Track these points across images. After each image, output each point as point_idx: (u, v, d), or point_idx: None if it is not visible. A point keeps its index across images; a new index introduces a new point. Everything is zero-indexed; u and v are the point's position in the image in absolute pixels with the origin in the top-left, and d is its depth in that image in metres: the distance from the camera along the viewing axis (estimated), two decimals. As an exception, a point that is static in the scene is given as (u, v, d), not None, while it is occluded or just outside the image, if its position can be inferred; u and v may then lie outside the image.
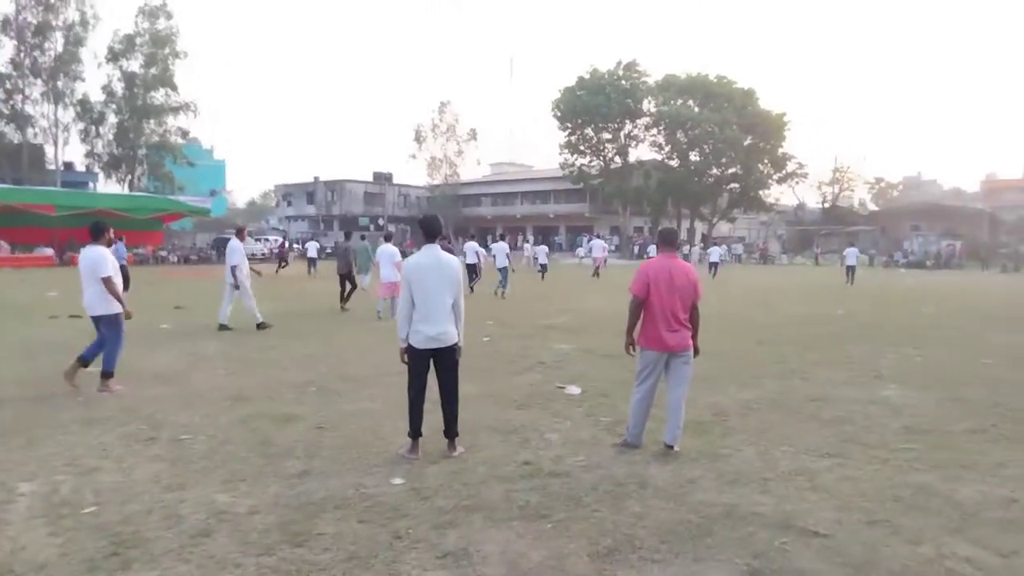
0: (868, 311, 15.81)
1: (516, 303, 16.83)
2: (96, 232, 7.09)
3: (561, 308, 15.87)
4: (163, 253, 41.88)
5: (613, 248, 52.40)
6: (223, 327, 11.38)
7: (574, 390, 7.25)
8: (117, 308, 6.94)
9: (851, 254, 26.90)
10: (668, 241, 5.25)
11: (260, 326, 11.46)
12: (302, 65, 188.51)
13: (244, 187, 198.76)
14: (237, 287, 11.36)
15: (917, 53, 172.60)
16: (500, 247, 19.88)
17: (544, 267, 26.66)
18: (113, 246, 8.00)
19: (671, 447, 5.07)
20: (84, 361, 6.97)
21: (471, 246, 20.65)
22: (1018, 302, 18.80)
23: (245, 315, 11.52)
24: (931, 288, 25.13)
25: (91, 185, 59.48)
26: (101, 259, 6.86)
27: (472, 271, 19.13)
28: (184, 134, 59.90)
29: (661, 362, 5.12)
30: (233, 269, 11.30)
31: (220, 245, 48.70)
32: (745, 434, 5.67)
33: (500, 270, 19.29)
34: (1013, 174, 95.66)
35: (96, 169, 57.69)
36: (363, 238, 23.66)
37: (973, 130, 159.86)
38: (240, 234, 12.17)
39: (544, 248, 28.59)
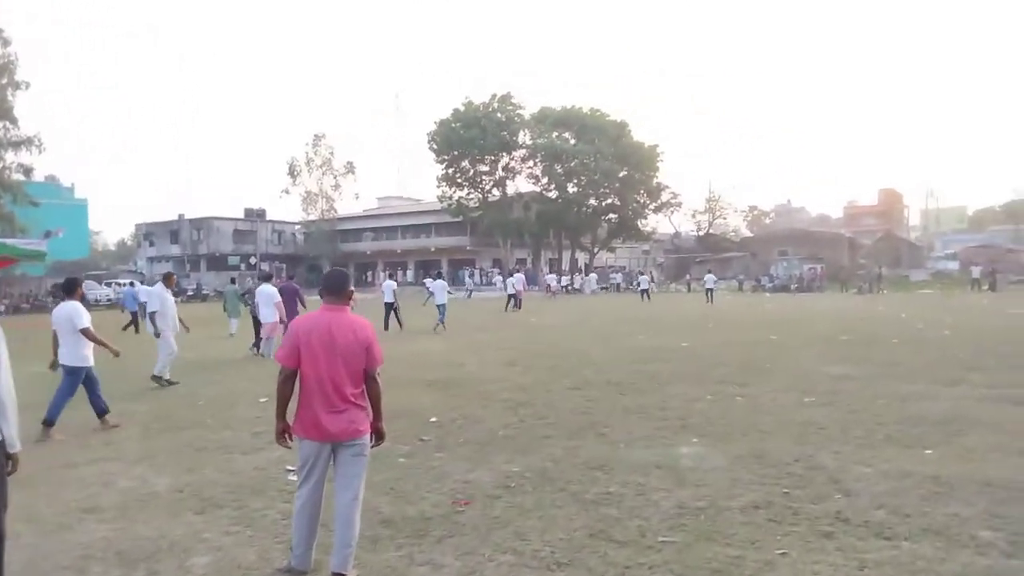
0: (713, 342, 15.20)
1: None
2: (69, 288, 7.69)
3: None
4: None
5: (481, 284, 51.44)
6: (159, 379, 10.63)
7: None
8: (84, 363, 7.51)
9: (709, 279, 33.91)
10: (332, 288, 3.86)
11: (158, 380, 10.59)
12: (172, 96, 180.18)
13: (114, 227, 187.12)
14: (158, 335, 10.78)
15: (787, 84, 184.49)
16: (439, 284, 21.36)
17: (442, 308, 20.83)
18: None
19: (341, 575, 3.65)
20: (49, 422, 7.27)
21: (389, 284, 21.32)
22: (859, 326, 18.84)
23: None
24: (786, 312, 25.33)
25: (-85, 227, 53.04)
26: (76, 312, 7.40)
27: (390, 309, 20.26)
28: (27, 171, 54.66)
29: (324, 456, 3.75)
30: (152, 316, 10.86)
31: (59, 292, 44.40)
32: (471, 534, 4.36)
33: (438, 307, 20.44)
34: (871, 200, 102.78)
35: (-80, 210, 51.69)
36: (232, 281, 21.79)
37: (837, 158, 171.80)
38: (168, 280, 11.30)
39: (443, 284, 21.99)
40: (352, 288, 3.94)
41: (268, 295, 13.82)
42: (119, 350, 7.91)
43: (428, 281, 28.74)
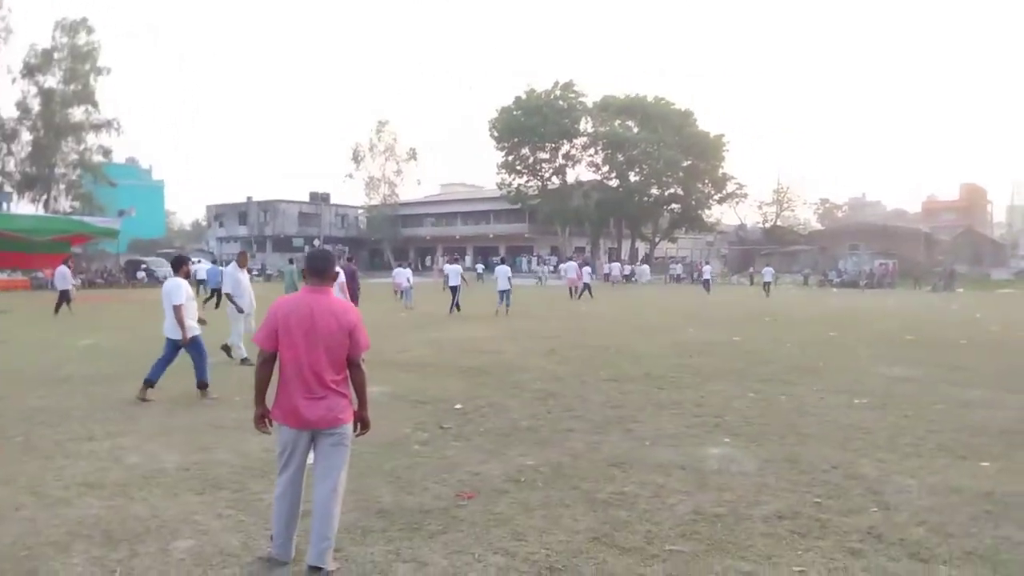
0: (767, 338, 14.57)
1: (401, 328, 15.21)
2: (176, 265, 8.09)
3: (427, 337, 14.31)
4: (64, 277, 39.02)
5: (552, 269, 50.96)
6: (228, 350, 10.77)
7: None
8: (190, 332, 7.80)
9: (767, 272, 34.09)
10: (316, 269, 3.62)
11: (227, 350, 10.73)
12: (242, 82, 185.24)
13: (189, 208, 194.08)
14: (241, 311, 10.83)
15: (865, 77, 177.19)
16: (502, 270, 21.34)
17: (504, 293, 20.92)
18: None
19: (318, 568, 3.46)
20: (150, 383, 7.84)
21: (454, 269, 21.79)
22: (929, 326, 17.81)
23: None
24: (851, 309, 24.23)
25: (4, 206, 55.89)
26: (174, 290, 7.75)
27: (454, 292, 20.81)
28: (106, 152, 56.96)
29: (302, 443, 3.56)
30: (228, 297, 10.95)
31: (132, 268, 46.16)
32: (467, 531, 4.13)
33: (501, 292, 20.72)
34: (952, 195, 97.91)
35: (7, 188, 54.49)
36: (291, 261, 22.28)
37: (918, 153, 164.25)
38: (242, 259, 11.43)
39: (505, 269, 21.55)
40: (338, 270, 3.73)
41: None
42: (189, 339, 7.94)
43: (479, 266, 28.40)
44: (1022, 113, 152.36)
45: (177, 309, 7.71)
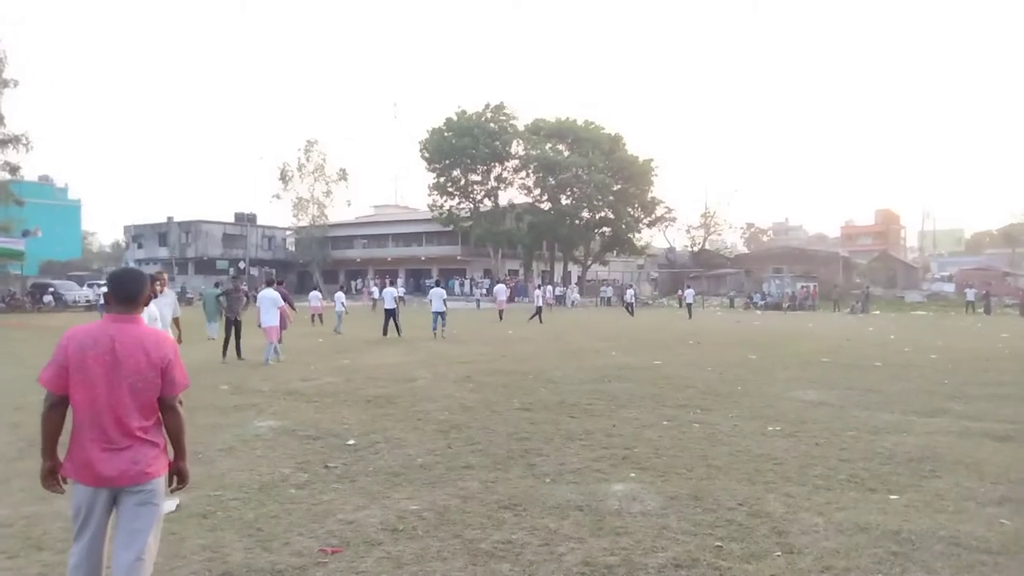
0: (687, 361, 14.42)
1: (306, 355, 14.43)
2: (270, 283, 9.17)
3: (338, 364, 13.62)
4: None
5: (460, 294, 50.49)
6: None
7: (168, 506, 4.96)
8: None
9: (689, 294, 36.56)
10: (121, 293, 3.02)
11: None
12: (165, 99, 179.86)
13: (109, 228, 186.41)
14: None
15: (788, 104, 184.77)
16: (437, 292, 21.26)
17: (439, 315, 20.95)
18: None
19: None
20: None
21: (389, 292, 21.39)
22: (846, 347, 18.08)
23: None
24: (772, 331, 24.57)
25: (-96, 227, 51.94)
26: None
27: (390, 316, 20.30)
28: (13, 170, 53.74)
29: (100, 504, 2.95)
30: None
31: (39, 292, 43.41)
32: (320, 594, 3.57)
33: (437, 314, 20.71)
34: (869, 220, 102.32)
35: (-96, 210, 50.87)
36: (217, 285, 21.01)
37: (836, 178, 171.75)
38: (154, 281, 9.04)
39: (440, 291, 21.59)
40: (151, 294, 3.16)
41: (271, 299, 14.02)
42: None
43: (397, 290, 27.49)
44: (934, 139, 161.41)
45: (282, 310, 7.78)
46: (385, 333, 19.98)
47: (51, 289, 42.04)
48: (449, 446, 6.85)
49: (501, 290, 30.13)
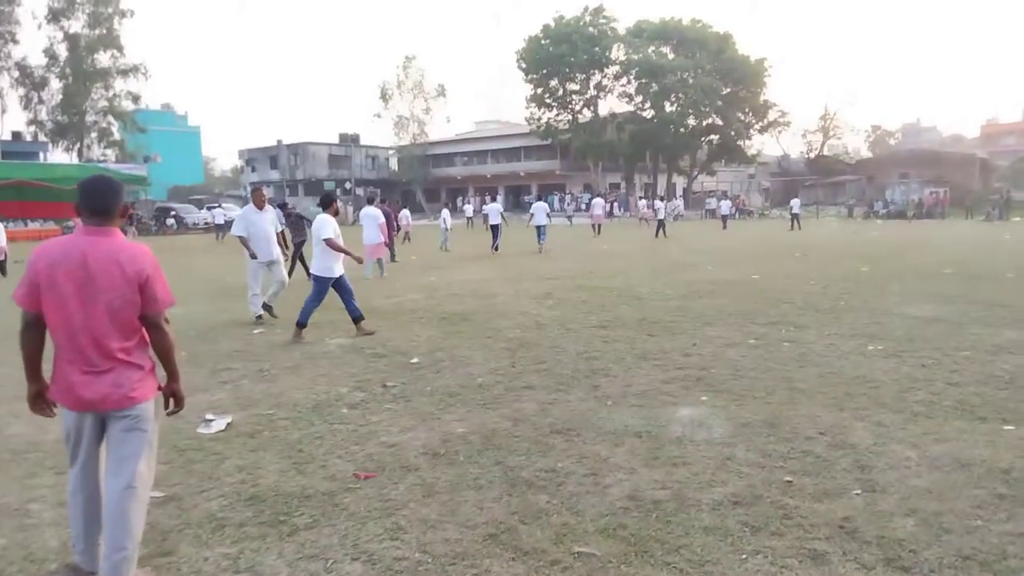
0: (790, 274, 13.46)
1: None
2: (325, 202, 8.14)
3: (424, 282, 13.59)
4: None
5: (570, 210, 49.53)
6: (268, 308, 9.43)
7: (218, 424, 4.96)
8: (329, 273, 7.91)
9: (795, 204, 32.91)
10: (93, 204, 2.76)
11: (268, 308, 9.40)
12: (265, 25, 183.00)
13: (229, 153, 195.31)
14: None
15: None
16: (539, 206, 21.89)
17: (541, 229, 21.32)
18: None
19: (133, 584, 2.76)
20: (356, 317, 8.14)
21: (494, 207, 22.04)
22: (974, 257, 16.39)
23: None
24: (892, 241, 22.71)
25: (42, 155, 56.24)
26: (321, 225, 7.85)
27: (495, 232, 20.84)
28: (135, 98, 56.63)
29: (88, 428, 2.81)
30: (243, 241, 9.24)
31: (162, 216, 46.18)
32: (340, 525, 3.40)
33: (538, 227, 21.02)
34: (1014, 117, 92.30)
35: (42, 138, 54.86)
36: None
37: (976, 74, 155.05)
38: (256, 197, 9.48)
39: (543, 205, 22.39)
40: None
41: (372, 217, 14.15)
42: (361, 256, 8.62)
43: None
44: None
45: (329, 242, 7.77)
46: (493, 249, 20.46)
47: (173, 213, 44.61)
48: (513, 365, 6.58)
49: (598, 203, 29.30)
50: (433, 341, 7.74)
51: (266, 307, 9.26)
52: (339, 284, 8.05)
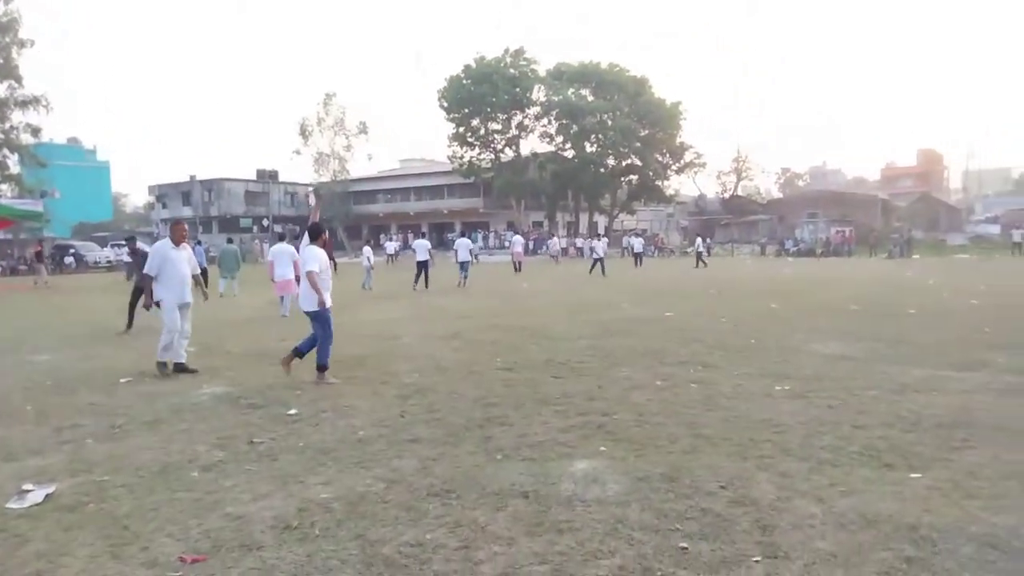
0: (702, 312, 13.40)
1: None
2: (313, 233, 7.62)
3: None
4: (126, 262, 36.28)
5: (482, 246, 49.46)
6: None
7: (34, 496, 4.20)
8: (323, 306, 7.37)
9: (699, 243, 34.54)
10: None
11: (160, 367, 8.07)
12: (181, 59, 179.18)
13: (141, 189, 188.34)
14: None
15: (828, 43, 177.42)
16: (463, 242, 23.34)
17: (464, 265, 22.59)
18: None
19: None
20: (300, 353, 7.58)
21: (422, 244, 22.07)
22: (879, 294, 16.83)
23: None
24: (802, 278, 23.29)
25: (-66, 190, 52.30)
26: (309, 257, 7.40)
27: (423, 267, 20.72)
28: (35, 131, 53.61)
29: None
30: (147, 282, 8.15)
31: (60, 253, 43.53)
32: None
33: (461, 263, 22.14)
34: (910, 161, 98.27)
35: (-72, 173, 51.21)
36: (229, 240, 21.11)
37: (875, 120, 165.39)
38: (176, 233, 8.30)
39: (466, 242, 24.09)
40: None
41: (288, 253, 14.09)
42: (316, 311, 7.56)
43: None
44: (977, 78, 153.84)
45: (310, 275, 7.30)
46: (415, 286, 20.19)
47: (72, 250, 42.14)
48: (402, 415, 6.01)
49: (518, 241, 29.18)
50: (319, 389, 7.10)
51: (179, 366, 8.04)
52: (321, 320, 7.48)
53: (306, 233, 7.75)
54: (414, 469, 4.60)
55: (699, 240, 36.18)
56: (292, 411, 6.17)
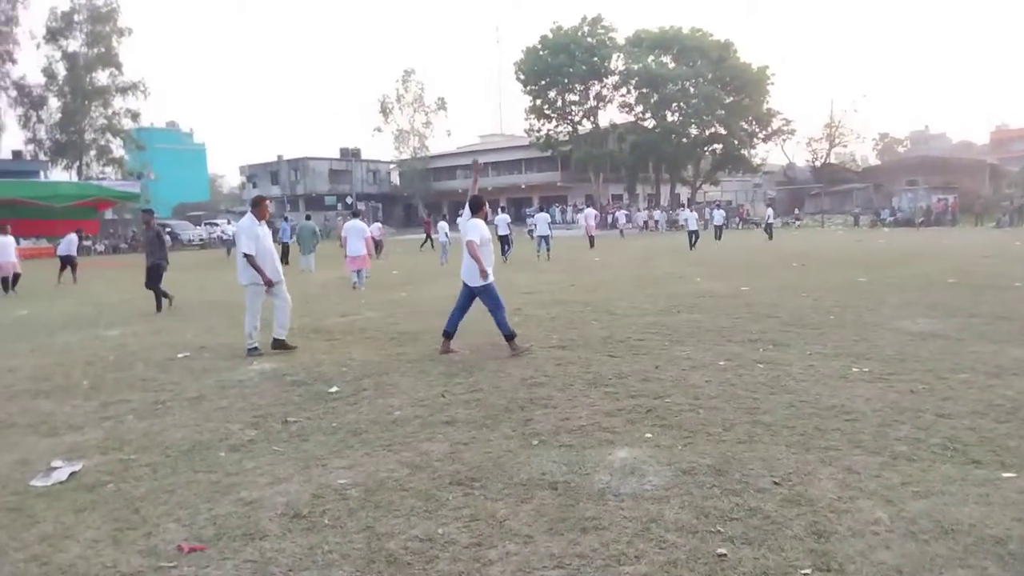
0: (782, 286, 12.60)
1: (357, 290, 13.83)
2: (474, 206, 7.41)
3: (391, 298, 12.83)
4: (87, 243, 38.81)
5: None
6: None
7: (59, 474, 4.18)
8: (486, 278, 7.18)
9: (769, 213, 33.39)
10: None
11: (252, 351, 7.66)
12: (268, 41, 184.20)
13: (236, 169, 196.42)
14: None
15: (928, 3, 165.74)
16: (541, 216, 24.35)
17: (543, 239, 22.89)
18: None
19: None
20: (448, 334, 7.40)
21: (503, 218, 22.74)
22: (981, 266, 15.47)
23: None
24: (896, 250, 21.77)
25: (42, 174, 56.04)
26: (471, 227, 7.20)
27: (504, 242, 21.13)
28: (134, 116, 56.44)
29: None
30: (250, 260, 7.52)
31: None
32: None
33: (542, 238, 22.65)
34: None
35: (41, 156, 54.72)
36: (308, 217, 21.76)
37: (984, 80, 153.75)
38: (259, 208, 7.88)
39: (545, 216, 24.97)
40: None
41: (359, 229, 15.00)
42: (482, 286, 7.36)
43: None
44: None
45: (470, 244, 7.11)
46: (504, 260, 20.08)
47: (168, 229, 44.08)
48: (443, 394, 5.77)
49: (590, 214, 28.49)
50: (367, 366, 6.95)
51: (278, 342, 7.76)
52: (488, 293, 7.28)
53: (467, 205, 7.53)
54: (443, 454, 4.34)
55: (769, 211, 34.66)
56: (333, 389, 6.03)
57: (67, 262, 19.60)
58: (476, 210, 7.39)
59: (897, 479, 3.69)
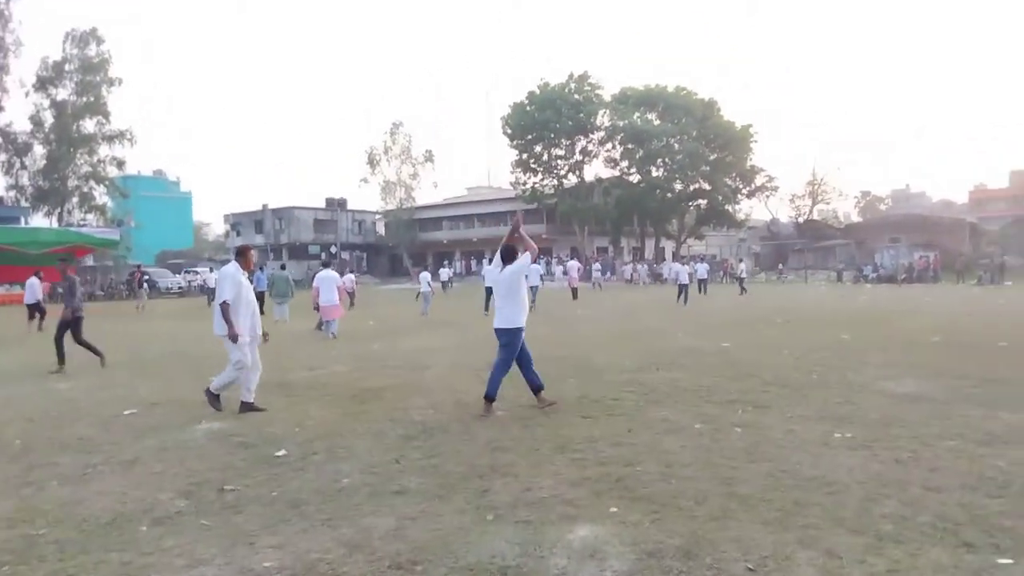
0: (764, 343, 12.33)
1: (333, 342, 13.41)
2: (507, 255, 7.19)
3: (364, 350, 12.43)
4: (60, 290, 38.05)
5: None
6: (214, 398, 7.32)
7: (-45, 551, 3.72)
8: (517, 323, 7.02)
9: (741, 268, 33.94)
10: None
11: (213, 398, 7.27)
12: (256, 91, 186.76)
13: (221, 218, 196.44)
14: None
15: (908, 63, 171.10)
16: (534, 268, 22.81)
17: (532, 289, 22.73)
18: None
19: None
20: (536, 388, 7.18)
21: (491, 269, 22.63)
22: (964, 325, 15.32)
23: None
24: (879, 307, 21.68)
25: (23, 220, 55.53)
26: (534, 272, 7.56)
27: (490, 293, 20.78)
28: (119, 164, 56.32)
29: None
30: (224, 309, 6.93)
31: (133, 280, 45.14)
32: None
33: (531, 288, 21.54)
34: (1002, 183, 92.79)
35: (23, 203, 54.33)
36: (283, 267, 21.38)
37: (963, 141, 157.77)
38: (244, 257, 7.44)
39: (536, 267, 24.61)
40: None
41: (331, 279, 15.08)
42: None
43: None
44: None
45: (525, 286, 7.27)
46: (487, 310, 19.37)
47: (146, 277, 43.51)
48: (396, 460, 5.36)
49: (574, 266, 28.40)
50: (322, 425, 6.53)
51: (246, 405, 7.13)
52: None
53: (498, 253, 7.36)
54: (386, 530, 3.93)
55: (742, 265, 34.80)
56: (281, 452, 5.61)
57: (35, 309, 19.04)
58: (508, 260, 7.17)
59: (883, 566, 3.33)
